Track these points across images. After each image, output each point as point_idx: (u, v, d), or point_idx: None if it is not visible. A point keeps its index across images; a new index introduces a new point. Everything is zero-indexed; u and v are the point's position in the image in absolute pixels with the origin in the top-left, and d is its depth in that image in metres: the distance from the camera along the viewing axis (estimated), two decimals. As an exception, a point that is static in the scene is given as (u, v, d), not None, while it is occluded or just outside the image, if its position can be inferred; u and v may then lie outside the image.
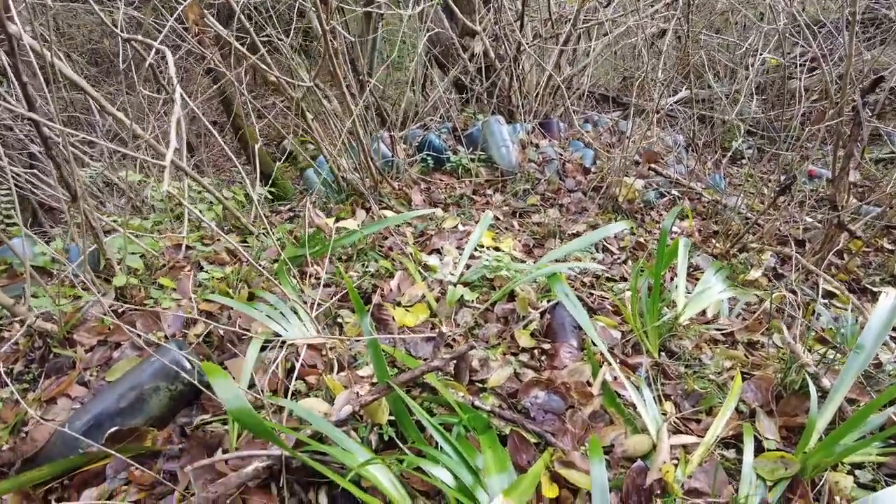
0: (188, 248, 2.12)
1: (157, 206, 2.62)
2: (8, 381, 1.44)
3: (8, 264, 2.29)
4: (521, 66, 4.03)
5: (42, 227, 3.70)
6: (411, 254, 2.06)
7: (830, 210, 2.72)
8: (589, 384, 1.46)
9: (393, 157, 3.11)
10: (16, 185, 3.23)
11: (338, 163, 2.72)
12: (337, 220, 2.55)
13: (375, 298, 1.65)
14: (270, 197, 2.89)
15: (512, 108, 4.02)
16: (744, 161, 4.66)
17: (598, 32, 4.06)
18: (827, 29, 3.53)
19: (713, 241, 3.07)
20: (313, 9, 2.27)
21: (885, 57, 4.35)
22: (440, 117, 3.86)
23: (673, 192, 3.44)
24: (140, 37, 1.75)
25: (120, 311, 1.69)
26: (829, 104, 2.54)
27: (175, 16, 1.81)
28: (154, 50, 1.58)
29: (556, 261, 1.90)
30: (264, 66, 2.25)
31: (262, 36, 2.64)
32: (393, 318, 1.58)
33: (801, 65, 4.30)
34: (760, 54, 3.72)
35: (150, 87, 3.63)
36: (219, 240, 2.28)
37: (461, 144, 3.48)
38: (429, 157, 3.31)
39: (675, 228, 3.14)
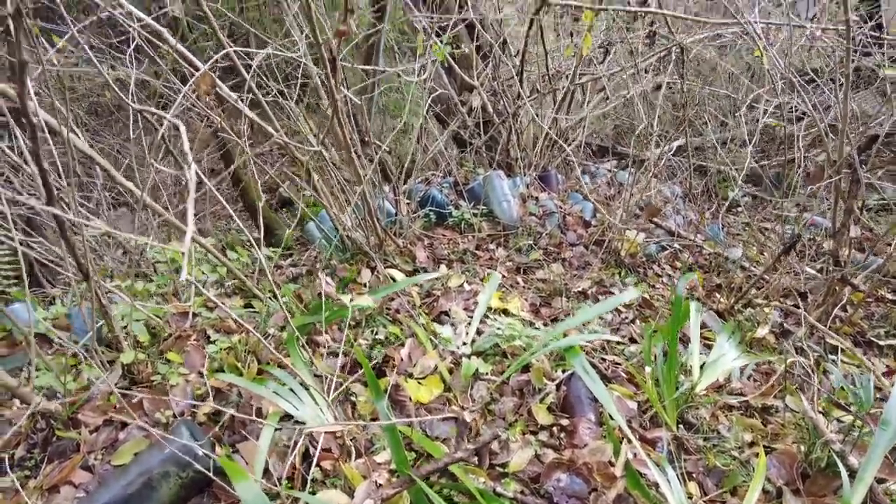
0: (194, 314, 2.09)
1: (160, 268, 2.59)
2: (8, 470, 1.38)
3: (7, 331, 2.24)
4: (519, 120, 4.10)
5: (40, 283, 3.65)
6: (422, 323, 2.03)
7: (833, 265, 2.75)
8: (611, 464, 1.42)
9: (396, 214, 3.12)
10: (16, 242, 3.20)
11: (342, 222, 2.72)
12: (345, 285, 2.53)
13: (391, 378, 1.61)
14: (272, 254, 2.87)
15: (511, 161, 4.07)
16: (740, 209, 4.72)
17: (594, 87, 4.16)
18: (814, 80, 3.64)
19: (717, 295, 3.07)
20: (321, 76, 2.30)
21: (866, 104, 4.47)
22: (441, 172, 3.89)
23: (674, 245, 3.46)
24: (152, 108, 1.77)
25: (127, 388, 1.64)
26: (827, 162, 2.59)
27: (188, 86, 1.83)
28: (163, 118, 1.59)
29: (565, 334, 1.88)
30: (273, 130, 2.27)
31: (269, 96, 2.68)
32: (410, 398, 1.54)
33: (792, 111, 4.40)
34: (757, 107, 3.82)
35: (158, 150, 3.65)
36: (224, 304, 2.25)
37: (463, 199, 3.50)
38: (432, 213, 3.32)
39: (678, 282, 3.14)
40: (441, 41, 3.53)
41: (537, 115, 4.30)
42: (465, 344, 1.81)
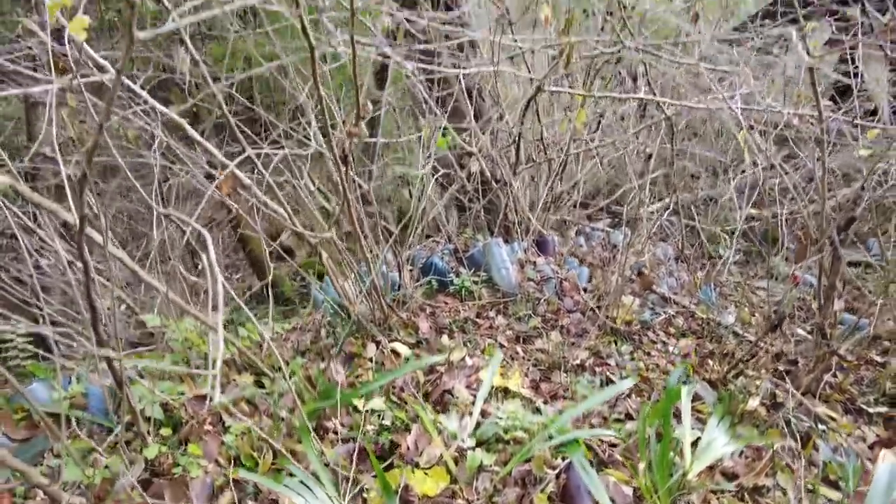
0: (210, 399, 2.19)
1: (173, 342, 2.69)
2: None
3: (26, 411, 2.32)
4: (516, 186, 4.28)
5: (48, 349, 3.72)
6: (426, 407, 2.13)
7: (820, 337, 2.86)
8: (609, 558, 1.51)
9: (400, 283, 3.24)
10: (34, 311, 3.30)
11: (348, 297, 2.84)
12: (351, 359, 2.64)
13: (401, 479, 1.71)
14: (280, 330, 2.98)
15: (509, 225, 4.23)
16: (729, 267, 4.85)
17: (588, 153, 4.35)
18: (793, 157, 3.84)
19: (710, 362, 3.17)
20: (332, 162, 2.46)
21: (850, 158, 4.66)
22: (442, 237, 4.04)
23: (667, 310, 3.58)
24: (176, 212, 1.91)
25: (148, 480, 1.73)
26: (809, 240, 2.74)
27: (212, 188, 1.97)
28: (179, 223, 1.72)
29: (565, 430, 1.98)
30: (286, 218, 2.41)
31: (281, 181, 2.84)
32: (418, 497, 1.63)
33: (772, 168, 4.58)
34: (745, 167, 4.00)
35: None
36: (235, 384, 2.35)
37: (463, 266, 3.63)
38: (434, 281, 3.45)
39: (672, 349, 3.25)
40: (443, 109, 3.75)
41: (534, 180, 4.48)
42: (469, 436, 1.91)
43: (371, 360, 2.64)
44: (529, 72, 3.19)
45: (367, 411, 2.01)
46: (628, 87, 3.97)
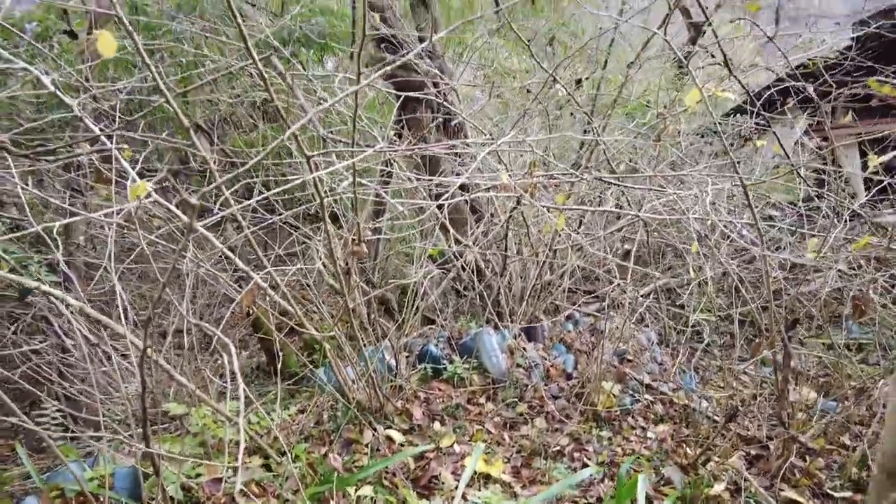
0: (224, 481, 2.47)
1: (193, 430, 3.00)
2: None
3: (60, 489, 2.62)
4: (507, 276, 4.66)
5: (72, 420, 3.99)
6: (412, 492, 2.40)
7: (780, 425, 3.12)
8: None
9: (396, 372, 3.56)
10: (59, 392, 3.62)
11: (349, 385, 3.15)
12: (349, 445, 2.92)
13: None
14: (287, 417, 3.27)
15: (500, 311, 4.57)
16: (713, 351, 5.12)
17: (573, 247, 4.74)
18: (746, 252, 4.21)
19: (684, 446, 3.41)
20: (335, 284, 2.84)
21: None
22: (438, 324, 4.38)
23: (647, 396, 3.85)
24: (205, 324, 2.28)
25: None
26: (762, 337, 3.05)
27: (233, 306, 2.35)
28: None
29: None
30: (299, 317, 2.78)
31: (290, 275, 3.23)
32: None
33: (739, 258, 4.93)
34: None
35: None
36: (246, 467, 2.64)
37: (456, 353, 3.95)
38: (429, 368, 3.76)
39: (650, 434, 3.49)
40: (440, 210, 4.20)
41: (525, 270, 4.86)
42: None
43: (367, 445, 2.92)
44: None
45: (358, 496, 2.29)
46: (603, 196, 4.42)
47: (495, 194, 3.50)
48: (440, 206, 4.32)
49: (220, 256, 2.81)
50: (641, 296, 4.91)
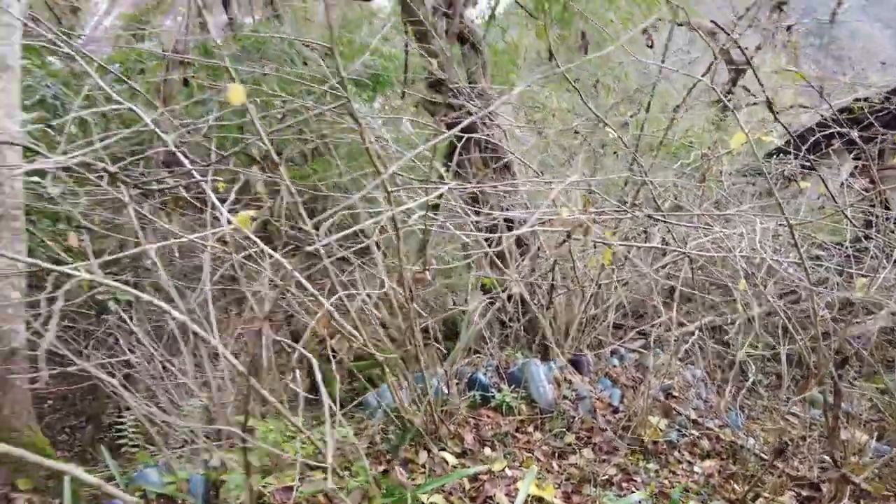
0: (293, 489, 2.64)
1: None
2: None
3: (142, 491, 2.84)
4: (553, 308, 4.78)
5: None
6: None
7: (832, 465, 3.12)
8: None
9: (447, 397, 3.70)
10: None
11: (406, 408, 3.31)
12: (406, 464, 3.06)
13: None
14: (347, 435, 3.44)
15: (546, 344, 4.68)
16: (760, 390, 5.08)
17: (618, 282, 4.84)
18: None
19: (732, 482, 3.42)
20: (398, 299, 3.04)
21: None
22: (486, 353, 4.51)
23: (693, 431, 3.88)
24: (300, 347, 2.49)
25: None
26: (812, 375, 3.10)
27: (309, 329, 2.56)
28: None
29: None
30: (363, 341, 2.97)
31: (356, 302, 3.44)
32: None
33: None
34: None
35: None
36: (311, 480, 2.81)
37: (504, 382, 4.07)
38: (478, 395, 3.89)
39: (697, 469, 3.53)
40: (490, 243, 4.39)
41: (570, 303, 4.98)
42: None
43: (423, 465, 3.06)
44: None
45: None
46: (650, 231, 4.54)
47: (548, 230, 3.67)
48: (489, 240, 4.54)
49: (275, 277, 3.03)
50: (686, 333, 4.95)
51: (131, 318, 3.81)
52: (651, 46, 6.99)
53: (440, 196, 4.69)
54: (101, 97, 4.14)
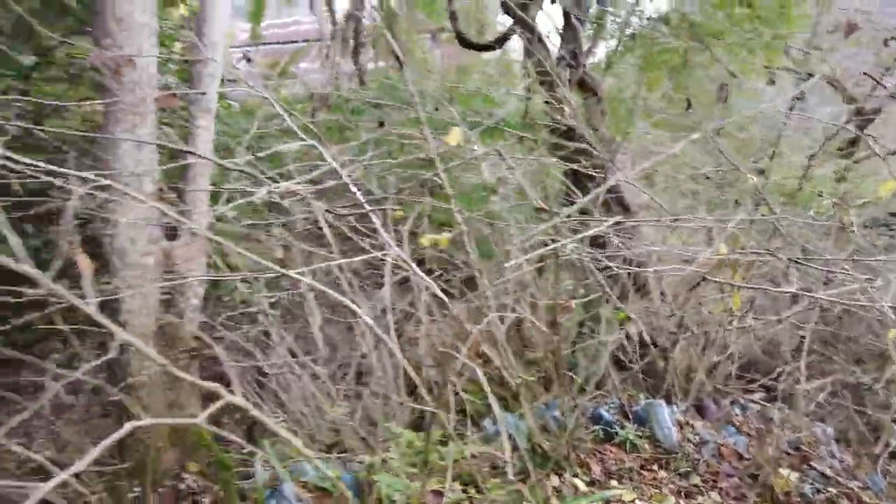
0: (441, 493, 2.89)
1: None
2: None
3: (304, 482, 3.19)
4: (674, 352, 4.79)
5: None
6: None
7: None
8: None
9: (575, 428, 3.83)
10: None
11: (536, 434, 3.48)
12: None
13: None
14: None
15: (668, 388, 4.68)
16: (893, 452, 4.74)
17: (741, 330, 4.78)
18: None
19: (877, 546, 3.27)
20: (539, 328, 3.26)
21: None
22: (606, 392, 4.60)
23: (830, 489, 3.73)
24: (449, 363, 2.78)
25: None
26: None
27: (466, 344, 2.83)
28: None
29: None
30: (504, 362, 3.21)
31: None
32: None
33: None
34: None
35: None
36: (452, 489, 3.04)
37: (627, 420, 4.14)
38: (601, 430, 3.98)
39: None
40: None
41: (691, 348, 4.96)
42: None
43: (556, 489, 3.21)
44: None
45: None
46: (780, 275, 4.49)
47: (683, 270, 3.77)
48: (613, 276, 4.67)
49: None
50: (817, 388, 4.75)
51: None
52: (773, 83, 6.93)
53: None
54: (275, 133, 4.81)
